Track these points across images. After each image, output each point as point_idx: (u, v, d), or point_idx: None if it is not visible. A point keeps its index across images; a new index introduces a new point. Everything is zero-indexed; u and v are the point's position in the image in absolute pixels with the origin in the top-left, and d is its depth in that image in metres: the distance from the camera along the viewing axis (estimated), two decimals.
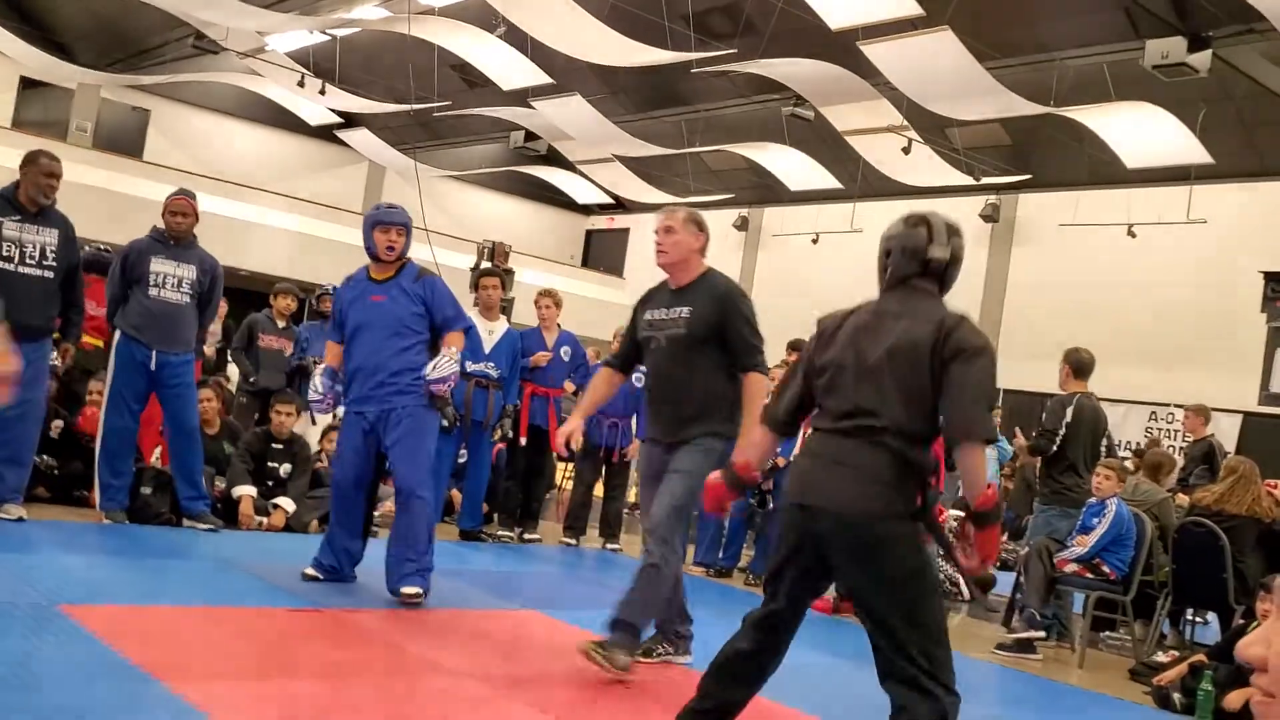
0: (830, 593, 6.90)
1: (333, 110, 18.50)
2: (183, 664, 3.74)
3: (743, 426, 4.47)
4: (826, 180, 16.81)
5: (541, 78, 14.29)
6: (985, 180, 16.30)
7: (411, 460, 5.28)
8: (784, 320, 8.29)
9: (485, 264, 14.93)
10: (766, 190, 20.01)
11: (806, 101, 14.51)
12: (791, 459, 7.44)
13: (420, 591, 5.17)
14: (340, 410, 5.73)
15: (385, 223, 5.41)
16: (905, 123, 14.20)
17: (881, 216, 18.48)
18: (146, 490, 6.54)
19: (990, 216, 17.82)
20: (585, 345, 8.61)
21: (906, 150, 14.86)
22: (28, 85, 20.22)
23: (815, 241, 19.11)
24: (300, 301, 9.27)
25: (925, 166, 15.45)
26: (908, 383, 3.00)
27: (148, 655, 3.73)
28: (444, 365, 5.30)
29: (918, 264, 3.24)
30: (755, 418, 4.11)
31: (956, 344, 2.98)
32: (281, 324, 8.74)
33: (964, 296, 5.14)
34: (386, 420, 5.29)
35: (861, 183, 17.02)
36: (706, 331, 4.56)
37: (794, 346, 8.52)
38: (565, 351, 8.14)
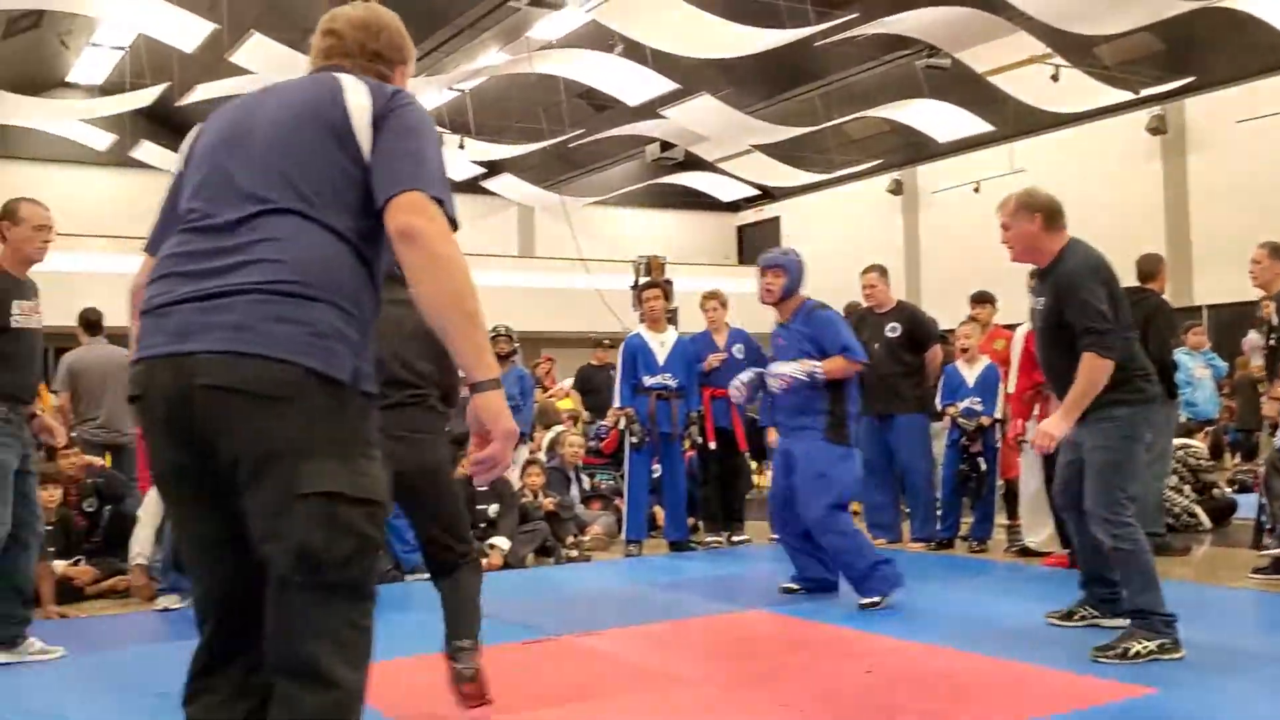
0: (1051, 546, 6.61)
1: (475, 162, 18.97)
2: (430, 711, 3.83)
3: (1069, 401, 4.34)
4: (977, 126, 16.28)
5: (667, 85, 14.30)
6: (1145, 92, 15.47)
7: (812, 499, 5.52)
8: (958, 276, 8.04)
9: (644, 279, 15.03)
10: (916, 149, 19.53)
11: (940, 50, 14.08)
12: (993, 419, 7.18)
13: (874, 600, 5.39)
14: None
15: (760, 268, 5.83)
16: (1048, 50, 13.61)
17: (1042, 152, 17.98)
18: None
19: (1158, 129, 16.92)
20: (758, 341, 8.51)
21: (1055, 78, 14.24)
22: None
23: (977, 190, 18.51)
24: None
25: (1078, 91, 14.79)
26: None
27: (396, 708, 3.84)
28: (787, 365, 5.56)
29: None
30: (1077, 399, 4.29)
31: None
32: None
33: (1143, 217, 4.89)
34: (792, 458, 5.67)
35: (1014, 121, 16.41)
36: (1058, 318, 4.45)
37: (978, 299, 8.24)
38: (739, 349, 8.07)
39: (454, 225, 2.04)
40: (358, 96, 2.10)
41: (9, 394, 4.64)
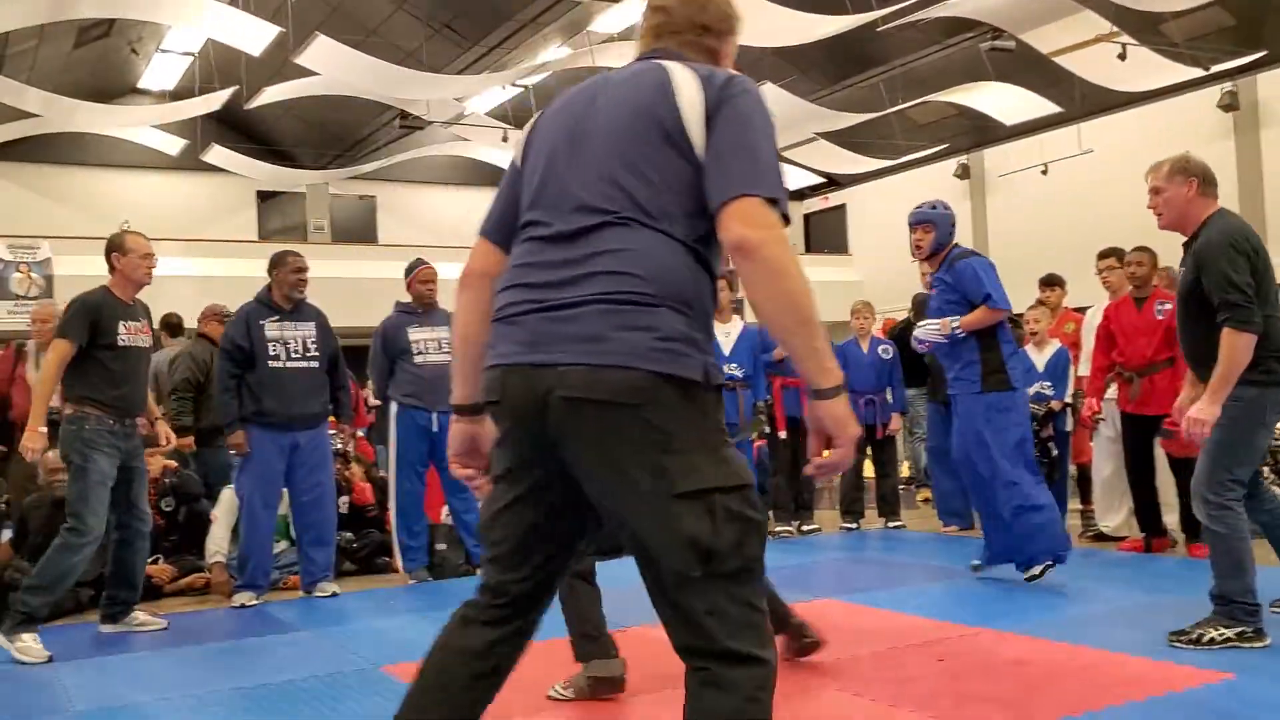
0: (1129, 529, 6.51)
1: None
2: (505, 704, 3.83)
3: (1214, 382, 4.15)
4: (1044, 107, 15.99)
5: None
6: (1216, 68, 15.08)
7: (978, 458, 5.55)
8: (1027, 260, 7.82)
9: None
10: (982, 132, 19.25)
11: (1005, 32, 13.87)
12: (1069, 399, 7.07)
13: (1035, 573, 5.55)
14: None
15: (910, 224, 5.77)
16: (1115, 29, 13.35)
17: (1111, 132, 17.61)
18: (442, 546, 6.86)
19: (1230, 105, 16.47)
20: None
21: (1122, 57, 13.94)
22: (264, 197, 21.81)
23: (1045, 173, 18.21)
24: None
25: (1147, 69, 14.45)
26: None
27: None
28: (929, 328, 5.57)
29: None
30: (1222, 380, 4.09)
31: None
32: None
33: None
34: (958, 415, 5.68)
35: (1082, 101, 16.09)
36: (1197, 290, 4.28)
37: (1046, 282, 8.11)
38: None
39: (786, 221, 2.04)
40: (689, 90, 2.08)
41: (118, 407, 5.16)
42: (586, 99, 2.22)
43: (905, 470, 10.09)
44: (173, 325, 8.33)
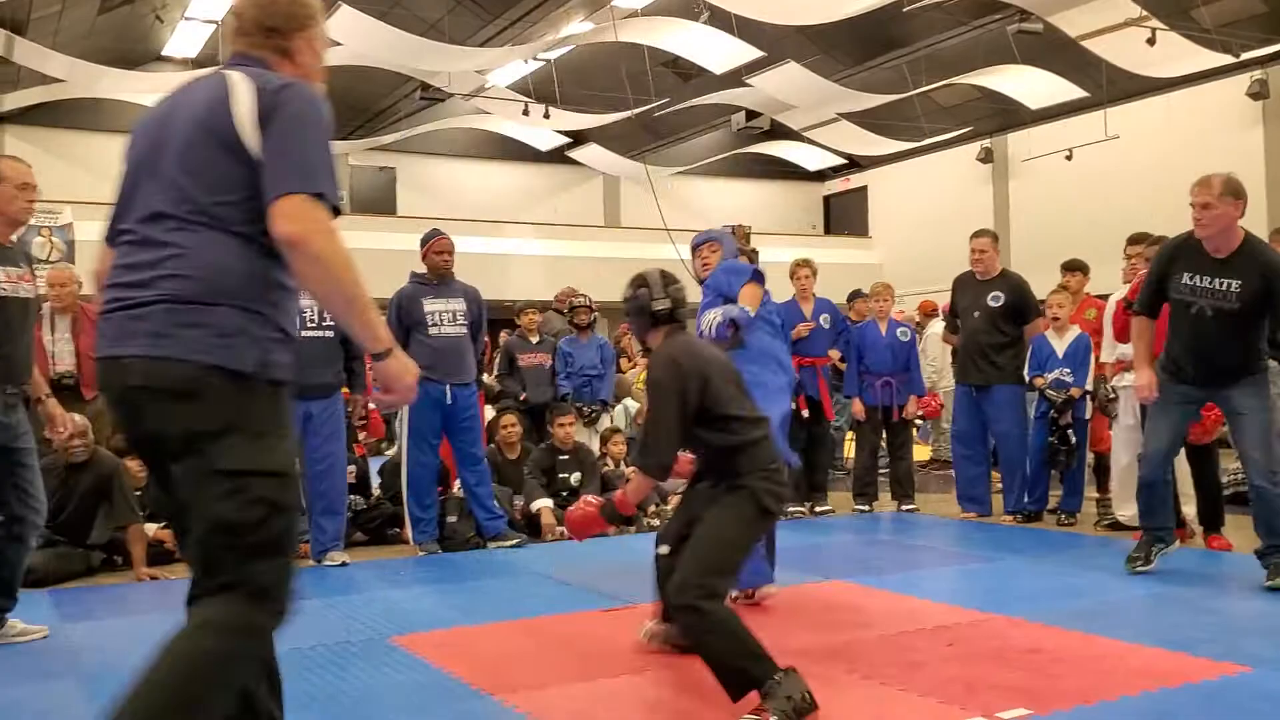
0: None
1: (560, 132, 18.95)
2: (510, 677, 3.86)
3: None
4: (1070, 92, 15.84)
5: (753, 53, 14.14)
6: (1246, 56, 14.90)
7: None
8: (1049, 245, 7.73)
9: None
10: (1007, 116, 19.09)
11: (1032, 14, 13.73)
12: (1087, 388, 7.01)
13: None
14: None
15: (694, 246, 5.60)
16: (1144, 13, 13.20)
17: (1138, 118, 17.42)
18: (452, 519, 6.85)
19: (1259, 93, 16.29)
20: (844, 313, 8.42)
21: (1151, 42, 13.79)
22: None
23: (1069, 158, 18.04)
24: (543, 312, 9.41)
25: (1176, 55, 14.30)
26: None
27: (476, 673, 3.88)
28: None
29: (649, 318, 3.80)
30: None
31: None
32: (535, 339, 8.93)
33: (1244, 185, 4.83)
34: None
35: (1109, 87, 15.92)
36: (1257, 306, 4.85)
37: (1069, 267, 8.03)
38: (825, 319, 7.99)
39: (335, 212, 2.27)
40: (245, 97, 2.28)
41: None
42: (167, 109, 2.42)
43: (918, 453, 10.00)
44: None
